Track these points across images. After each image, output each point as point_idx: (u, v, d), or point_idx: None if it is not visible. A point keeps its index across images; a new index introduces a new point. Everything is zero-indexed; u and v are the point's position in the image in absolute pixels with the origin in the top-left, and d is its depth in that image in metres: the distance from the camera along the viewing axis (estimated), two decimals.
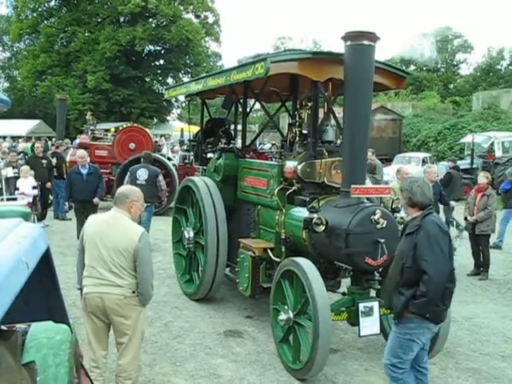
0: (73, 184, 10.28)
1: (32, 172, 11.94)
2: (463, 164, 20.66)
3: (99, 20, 42.10)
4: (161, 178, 10.68)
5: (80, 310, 4.84)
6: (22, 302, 1.81)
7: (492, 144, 22.08)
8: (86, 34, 41.69)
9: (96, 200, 10.23)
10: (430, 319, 4.18)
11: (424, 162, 22.39)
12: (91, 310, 4.38)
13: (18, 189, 11.25)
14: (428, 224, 4.17)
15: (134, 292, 4.31)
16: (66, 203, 10.66)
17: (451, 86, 55.67)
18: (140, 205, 4.59)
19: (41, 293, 2.56)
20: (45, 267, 2.38)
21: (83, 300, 4.45)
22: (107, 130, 21.09)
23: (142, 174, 10.39)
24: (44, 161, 13.33)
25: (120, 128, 17.38)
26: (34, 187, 11.75)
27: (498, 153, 21.48)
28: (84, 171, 10.33)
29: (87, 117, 20.59)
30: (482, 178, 10.01)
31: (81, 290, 4.54)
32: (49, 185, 13.21)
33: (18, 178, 11.73)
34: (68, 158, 15.77)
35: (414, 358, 4.41)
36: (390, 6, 73.26)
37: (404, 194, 4.37)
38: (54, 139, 21.17)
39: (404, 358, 4.31)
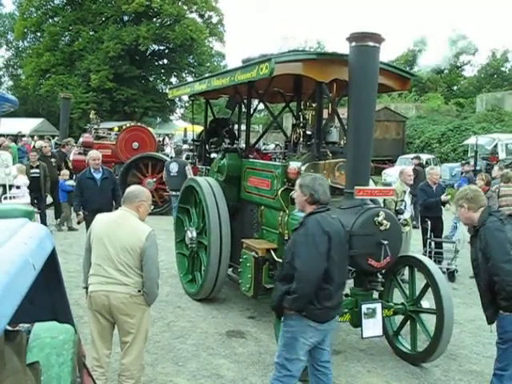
0: (84, 191, 8.61)
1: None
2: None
3: (103, 19, 42.21)
4: (188, 167, 11.80)
5: (83, 309, 4.86)
6: (27, 302, 1.80)
7: (495, 146, 22.05)
8: (90, 33, 41.81)
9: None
10: (309, 317, 4.08)
11: (427, 163, 22.35)
12: (96, 308, 4.39)
13: (18, 187, 11.25)
14: (310, 222, 4.14)
15: (139, 291, 4.33)
16: (80, 212, 8.55)
17: (455, 87, 55.58)
18: (148, 205, 4.62)
19: (45, 292, 2.57)
20: (50, 267, 2.38)
21: (88, 299, 4.46)
22: (110, 129, 21.10)
23: (174, 167, 11.90)
24: (53, 159, 13.34)
25: (123, 127, 17.42)
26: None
27: (502, 155, 21.46)
28: (98, 175, 8.66)
29: (91, 116, 20.62)
30: (479, 180, 9.96)
31: (86, 288, 4.55)
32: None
33: (38, 178, 11.74)
34: (71, 157, 15.80)
35: (312, 358, 4.34)
36: (394, 7, 73.26)
37: (305, 191, 4.27)
38: (57, 138, 21.17)
39: (288, 358, 4.17)
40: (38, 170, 11.88)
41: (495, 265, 4.12)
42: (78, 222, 9.02)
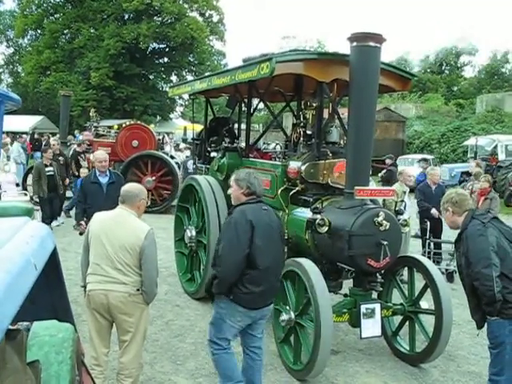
0: (88, 196, 7.41)
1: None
2: (466, 167, 20.64)
3: (104, 17, 42.20)
4: None
5: (81, 307, 4.85)
6: (27, 301, 1.80)
7: (495, 147, 22.04)
8: (91, 31, 41.80)
9: None
10: (236, 302, 4.37)
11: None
12: (95, 307, 4.39)
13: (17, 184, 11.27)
14: (236, 211, 4.48)
15: (138, 290, 4.33)
16: (82, 223, 7.28)
17: (455, 88, 55.60)
18: (145, 202, 4.69)
19: (46, 291, 2.56)
20: (51, 266, 2.38)
21: (87, 297, 4.45)
22: (110, 127, 21.09)
23: (190, 165, 12.59)
24: (61, 158, 13.29)
25: (123, 125, 17.38)
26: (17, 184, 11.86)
27: (501, 156, 21.44)
28: (104, 180, 7.48)
29: (90, 113, 20.57)
30: (484, 182, 9.99)
31: (84, 287, 4.55)
32: (67, 181, 13.14)
33: (53, 176, 11.69)
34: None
35: (243, 341, 4.72)
36: (395, 7, 73.23)
37: (241, 184, 4.57)
38: (57, 135, 21.14)
39: (217, 336, 4.53)
40: (52, 168, 11.78)
41: (475, 270, 4.11)
42: (81, 233, 7.27)
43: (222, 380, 4.63)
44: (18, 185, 12.26)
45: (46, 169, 11.64)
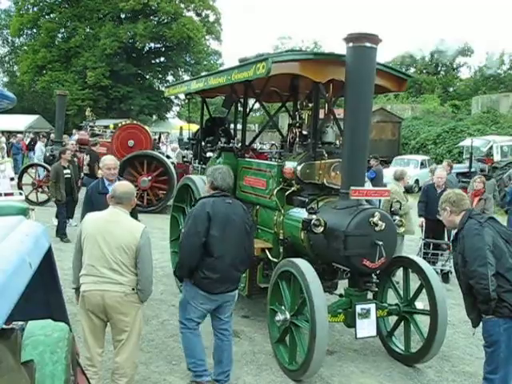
0: (96, 209, 5.88)
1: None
2: (461, 167, 20.70)
3: (100, 16, 42.19)
4: None
5: (77, 307, 4.83)
6: (22, 300, 1.80)
7: (491, 148, 22.11)
8: (87, 30, 41.79)
9: None
10: (197, 285, 4.82)
11: (422, 164, 22.43)
12: (90, 307, 4.38)
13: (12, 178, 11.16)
14: (197, 204, 5.00)
15: (133, 289, 4.34)
16: None
17: (451, 89, 55.76)
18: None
19: (41, 290, 2.56)
20: (46, 265, 2.37)
21: (81, 298, 4.44)
22: (106, 127, 21.05)
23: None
24: (76, 159, 13.20)
25: (119, 125, 17.35)
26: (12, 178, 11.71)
27: (497, 157, 21.51)
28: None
29: (86, 113, 20.56)
30: (479, 183, 10.02)
31: (76, 289, 4.55)
32: (79, 183, 12.98)
33: (70, 179, 11.39)
34: None
35: (212, 323, 5.14)
36: (391, 7, 73.32)
37: (208, 179, 5.13)
38: (52, 135, 21.10)
39: (184, 316, 4.99)
40: (69, 171, 11.43)
41: (471, 268, 4.14)
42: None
43: (186, 356, 5.10)
44: (12, 179, 12.01)
45: (64, 171, 11.30)
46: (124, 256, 4.29)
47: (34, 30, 44.20)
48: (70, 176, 11.42)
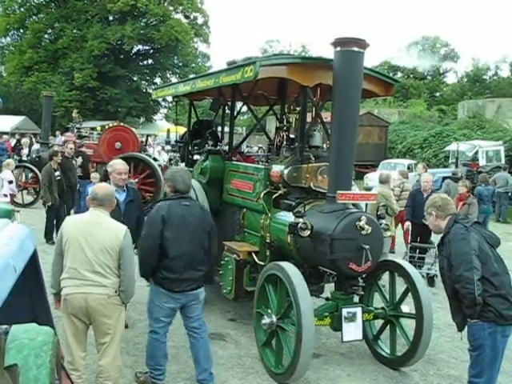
0: None
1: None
2: (447, 172, 20.85)
3: (88, 17, 41.93)
4: None
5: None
6: (6, 303, 1.78)
7: (476, 153, 22.27)
8: (74, 31, 41.55)
9: None
10: (158, 284, 4.94)
11: (409, 168, 22.54)
12: (72, 311, 4.34)
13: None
14: (156, 206, 5.08)
15: (116, 291, 4.33)
16: None
17: (437, 94, 56.17)
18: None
19: (26, 294, 2.54)
20: (31, 268, 2.35)
21: (63, 302, 4.40)
22: (93, 129, 20.94)
23: None
24: (72, 161, 13.10)
25: (106, 127, 17.27)
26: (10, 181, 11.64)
27: (482, 161, 21.68)
28: (121, 197, 6.15)
29: (73, 114, 20.44)
30: (462, 187, 10.11)
31: (55, 294, 4.52)
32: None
33: (60, 181, 11.23)
34: None
35: (184, 323, 5.22)
36: (379, 12, 73.72)
37: (168, 183, 5.19)
38: (38, 137, 20.96)
39: (150, 316, 5.09)
40: (59, 173, 11.25)
41: (456, 273, 4.16)
42: None
43: (146, 357, 5.15)
44: (11, 182, 11.97)
45: (55, 173, 11.17)
46: (108, 258, 4.28)
47: (21, 31, 43.87)
48: (59, 178, 11.27)
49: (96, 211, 4.48)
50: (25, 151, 19.00)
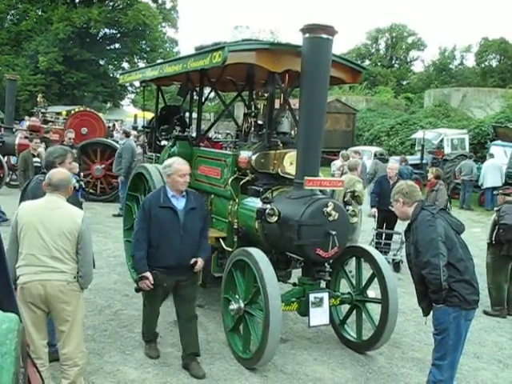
0: (154, 229, 5.15)
1: None
2: (413, 159, 21.14)
3: None
4: None
5: None
6: None
7: (441, 141, 22.60)
8: (39, 13, 40.54)
9: (199, 265, 5.24)
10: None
11: (375, 155, 22.76)
12: (31, 299, 4.24)
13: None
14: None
15: (75, 277, 4.28)
16: (148, 274, 5.12)
17: (404, 82, 56.76)
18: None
19: None
20: None
21: (20, 290, 4.27)
22: (59, 114, 20.58)
23: None
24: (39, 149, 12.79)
25: (72, 112, 16.99)
26: None
27: (447, 149, 22.01)
28: (180, 204, 5.21)
29: (38, 99, 20.05)
30: (430, 174, 10.32)
31: (13, 281, 4.44)
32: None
33: (40, 167, 10.86)
34: (17, 141, 15.34)
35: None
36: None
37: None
38: (1, 121, 20.48)
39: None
40: (38, 159, 10.89)
41: (423, 259, 4.23)
42: (138, 290, 5.46)
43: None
44: None
45: (34, 159, 10.92)
46: (66, 242, 4.21)
47: None
48: (39, 165, 10.84)
49: (52, 196, 4.37)
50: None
